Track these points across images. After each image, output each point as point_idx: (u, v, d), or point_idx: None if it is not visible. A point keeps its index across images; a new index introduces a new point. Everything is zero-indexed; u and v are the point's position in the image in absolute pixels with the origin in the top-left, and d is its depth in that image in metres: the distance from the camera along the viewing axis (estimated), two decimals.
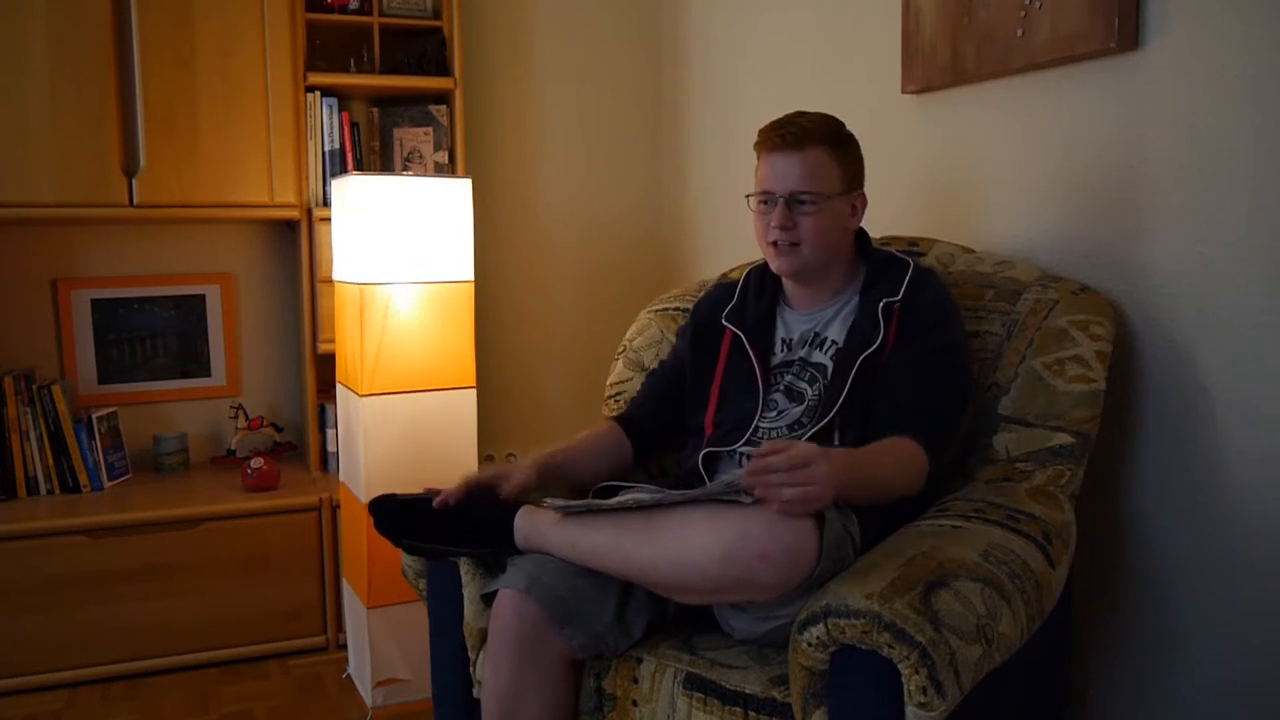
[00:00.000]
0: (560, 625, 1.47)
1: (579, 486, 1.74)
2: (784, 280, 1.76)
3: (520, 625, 1.47)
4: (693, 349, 1.83)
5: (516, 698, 1.48)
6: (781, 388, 1.69)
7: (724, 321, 1.78)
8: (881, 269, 1.70)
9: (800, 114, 1.67)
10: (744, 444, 1.66)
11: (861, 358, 1.60)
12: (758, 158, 1.69)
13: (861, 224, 1.73)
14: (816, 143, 1.63)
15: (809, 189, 1.62)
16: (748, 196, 1.70)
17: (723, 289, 1.87)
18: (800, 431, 1.62)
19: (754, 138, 1.68)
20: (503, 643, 1.49)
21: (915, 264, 1.69)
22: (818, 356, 1.69)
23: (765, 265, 1.78)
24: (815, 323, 1.72)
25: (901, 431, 1.52)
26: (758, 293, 1.80)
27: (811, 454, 1.31)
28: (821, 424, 1.59)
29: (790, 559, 1.30)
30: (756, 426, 1.66)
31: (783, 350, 1.73)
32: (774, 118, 1.67)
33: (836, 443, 1.59)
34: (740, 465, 1.65)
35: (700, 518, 1.36)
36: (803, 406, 1.66)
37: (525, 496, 1.62)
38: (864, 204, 1.71)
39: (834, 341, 1.68)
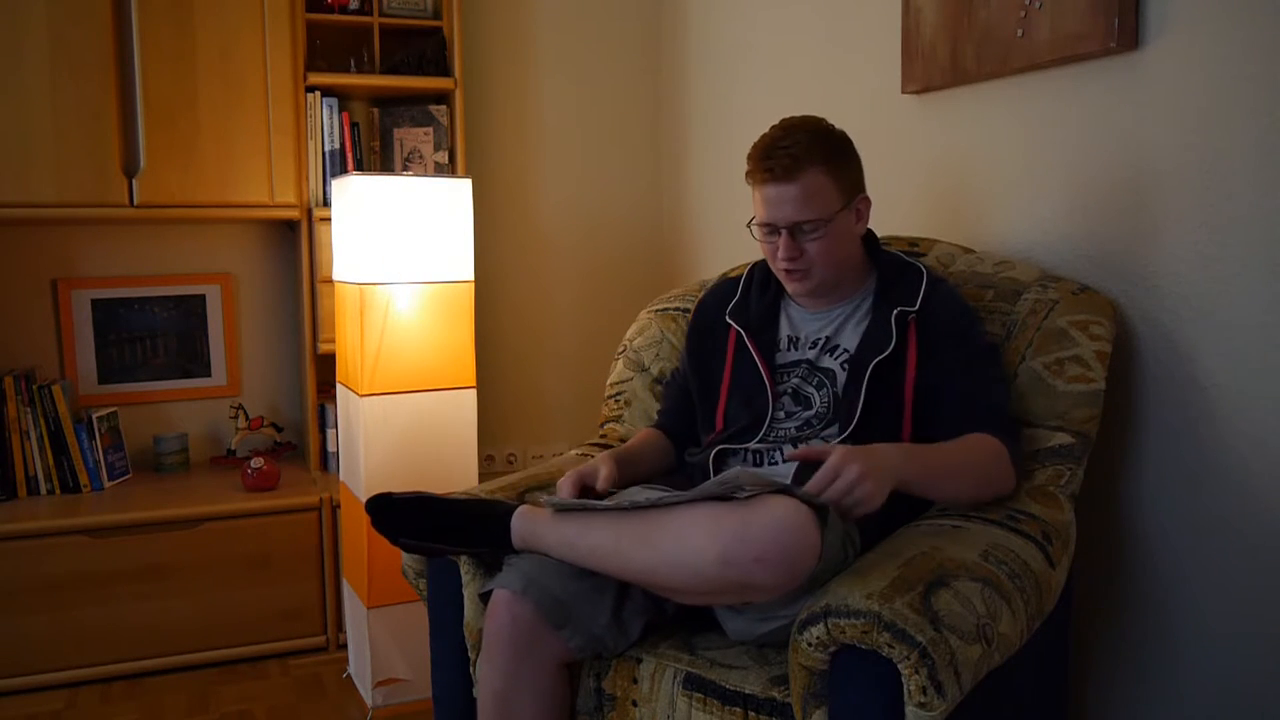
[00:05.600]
0: (556, 627, 1.46)
1: (642, 481, 1.74)
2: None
3: (514, 626, 1.47)
4: (693, 356, 1.83)
5: (511, 699, 1.48)
6: (789, 390, 1.68)
7: (728, 319, 1.78)
8: (895, 275, 1.68)
9: (786, 132, 1.61)
10: (759, 441, 1.65)
11: (874, 363, 1.59)
12: (751, 186, 1.64)
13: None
14: (809, 165, 1.57)
15: (809, 217, 1.59)
16: (749, 225, 1.67)
17: (725, 286, 1.86)
18: (809, 432, 1.62)
19: (754, 138, 1.66)
20: (497, 644, 1.49)
21: (928, 272, 1.68)
22: (827, 361, 1.67)
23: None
24: (825, 324, 1.70)
25: (976, 429, 1.52)
26: (761, 289, 1.79)
27: (845, 458, 1.36)
28: (846, 433, 1.58)
29: (788, 562, 1.29)
30: (771, 424, 1.65)
31: (790, 348, 1.71)
32: (773, 120, 1.65)
33: None
34: (748, 462, 1.65)
35: (698, 520, 1.35)
36: (811, 411, 1.65)
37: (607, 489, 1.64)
38: (868, 206, 1.67)
39: (845, 349, 1.66)
